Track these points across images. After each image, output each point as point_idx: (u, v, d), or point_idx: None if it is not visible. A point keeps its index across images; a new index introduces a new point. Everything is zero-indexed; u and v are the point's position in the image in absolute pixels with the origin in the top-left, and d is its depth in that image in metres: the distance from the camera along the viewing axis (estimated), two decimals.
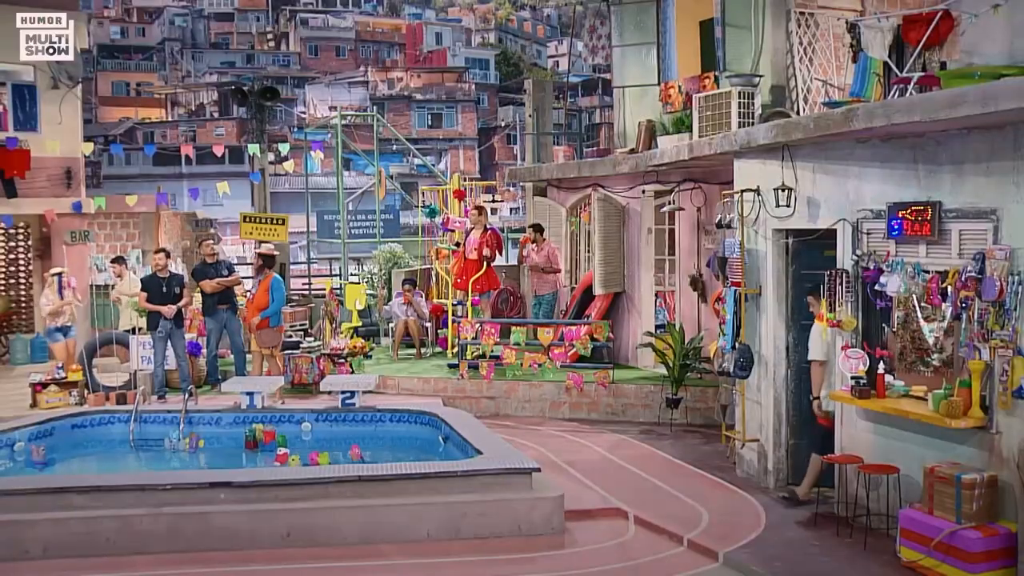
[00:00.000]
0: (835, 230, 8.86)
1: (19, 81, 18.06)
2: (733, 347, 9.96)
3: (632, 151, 14.33)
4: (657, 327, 14.74)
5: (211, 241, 15.12)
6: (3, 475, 10.41)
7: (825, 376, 8.97)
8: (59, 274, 14.81)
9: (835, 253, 8.99)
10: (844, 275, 8.66)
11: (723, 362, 10.16)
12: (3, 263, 18.88)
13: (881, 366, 8.27)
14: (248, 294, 14.97)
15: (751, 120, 10.79)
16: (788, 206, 9.31)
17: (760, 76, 11.32)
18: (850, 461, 8.53)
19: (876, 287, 8.20)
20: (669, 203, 13.67)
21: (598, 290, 14.85)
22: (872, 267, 8.28)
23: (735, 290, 10.06)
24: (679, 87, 13.79)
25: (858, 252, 8.53)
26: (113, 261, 15.95)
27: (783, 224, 9.56)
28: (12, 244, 18.90)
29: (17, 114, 18.10)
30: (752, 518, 8.80)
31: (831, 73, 11.14)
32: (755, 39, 11.84)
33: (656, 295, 14.97)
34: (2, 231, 18.66)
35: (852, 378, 8.40)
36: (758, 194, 9.83)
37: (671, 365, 12.62)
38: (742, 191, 10.01)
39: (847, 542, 8.13)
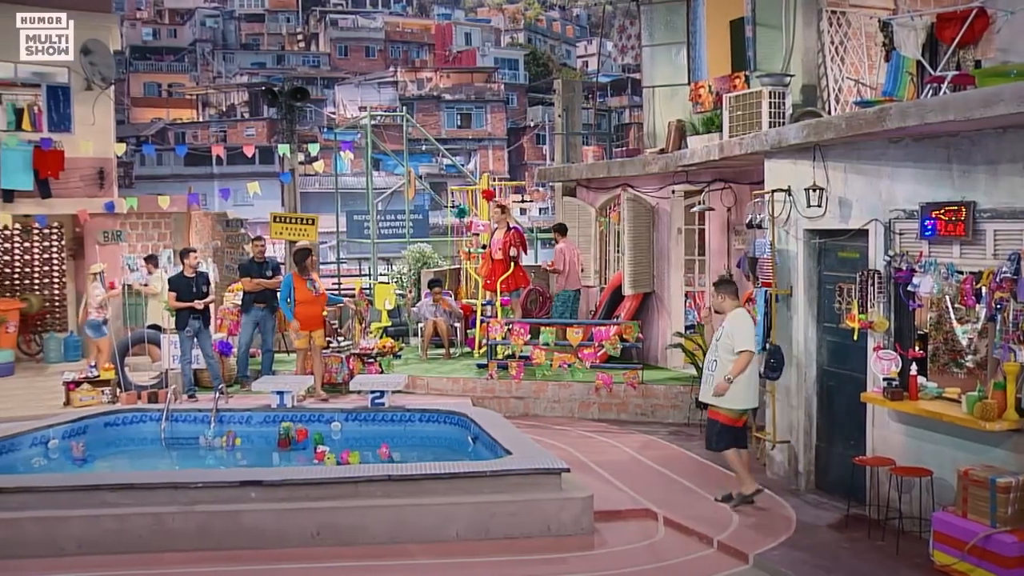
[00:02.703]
0: (865, 230, 8.79)
1: (53, 83, 18.29)
2: (764, 348, 9.89)
3: (662, 151, 14.28)
4: (687, 328, 14.68)
5: (262, 241, 15.25)
6: (39, 472, 10.53)
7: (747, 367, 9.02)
8: (100, 272, 14.97)
9: (854, 255, 8.93)
10: (876, 276, 8.59)
11: None
12: (38, 263, 19.09)
13: (914, 367, 8.20)
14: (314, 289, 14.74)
15: (782, 120, 10.72)
16: (819, 206, 9.25)
17: (791, 75, 11.24)
18: (882, 463, 8.45)
19: (908, 288, 8.14)
20: (699, 203, 13.60)
21: (627, 290, 14.82)
22: (904, 268, 8.21)
23: (766, 291, 10.00)
24: (709, 87, 13.73)
25: (890, 253, 8.46)
26: (146, 259, 16.07)
27: (814, 224, 9.50)
28: (46, 244, 19.10)
29: (51, 115, 18.32)
30: (782, 520, 8.75)
31: (863, 72, 11.04)
32: (786, 38, 11.76)
33: (686, 295, 14.91)
34: (37, 231, 18.87)
35: (884, 379, 8.34)
36: (789, 194, 9.77)
37: (701, 366, 12.54)
38: (773, 191, 9.95)
39: (879, 545, 8.06)
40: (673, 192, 14.49)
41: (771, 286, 9.96)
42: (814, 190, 9.24)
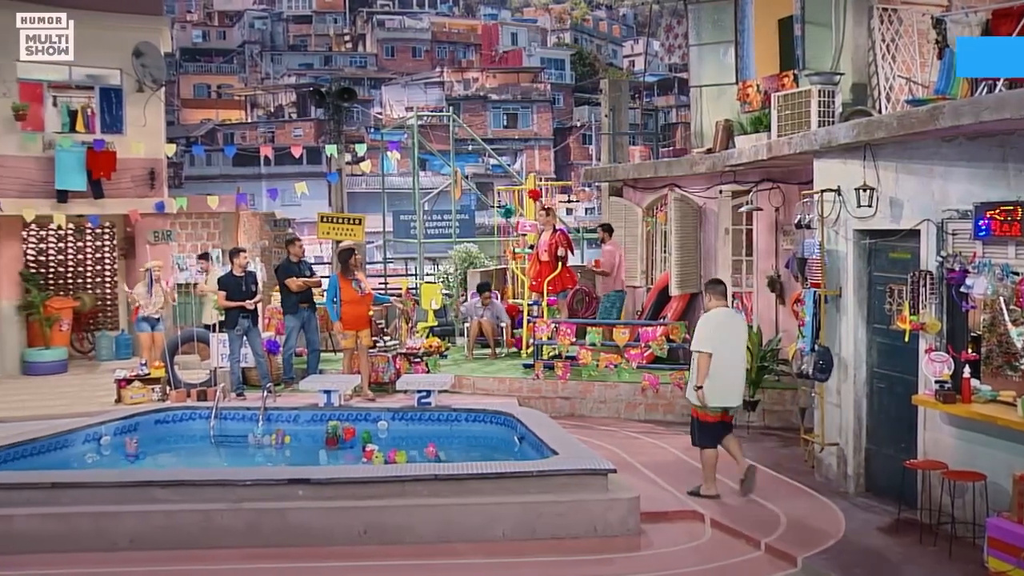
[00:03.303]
0: (917, 231, 8.68)
1: (106, 85, 18.54)
2: (812, 349, 9.80)
3: (709, 151, 14.20)
4: None
5: (300, 241, 15.34)
6: (92, 468, 10.69)
7: (708, 368, 9.12)
8: (149, 269, 15.16)
9: (905, 256, 8.82)
10: (928, 277, 8.48)
11: (802, 364, 9.99)
12: (90, 262, 19.37)
13: (967, 370, 8.08)
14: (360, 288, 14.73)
15: (831, 119, 10.62)
16: (870, 206, 9.15)
17: (841, 74, 11.13)
18: (934, 467, 8.34)
19: (961, 289, 8.02)
20: (747, 203, 13.51)
21: (674, 291, 14.75)
22: (958, 268, 8.09)
23: (814, 291, 9.91)
24: (757, 86, 13.63)
25: (943, 253, 8.34)
26: (200, 257, 16.23)
27: (864, 225, 9.39)
28: (99, 243, 19.37)
29: (104, 117, 18.57)
30: (831, 523, 8.65)
31: (915, 70, 10.91)
32: (836, 36, 11.65)
33: (733, 296, 14.80)
34: (89, 231, 19.14)
35: (936, 382, 8.22)
36: (839, 194, 9.67)
37: (748, 367, 12.45)
38: (822, 191, 9.86)
39: (931, 550, 7.95)
40: (720, 192, 14.40)
41: (820, 287, 9.86)
42: (864, 190, 9.14)
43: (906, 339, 8.64)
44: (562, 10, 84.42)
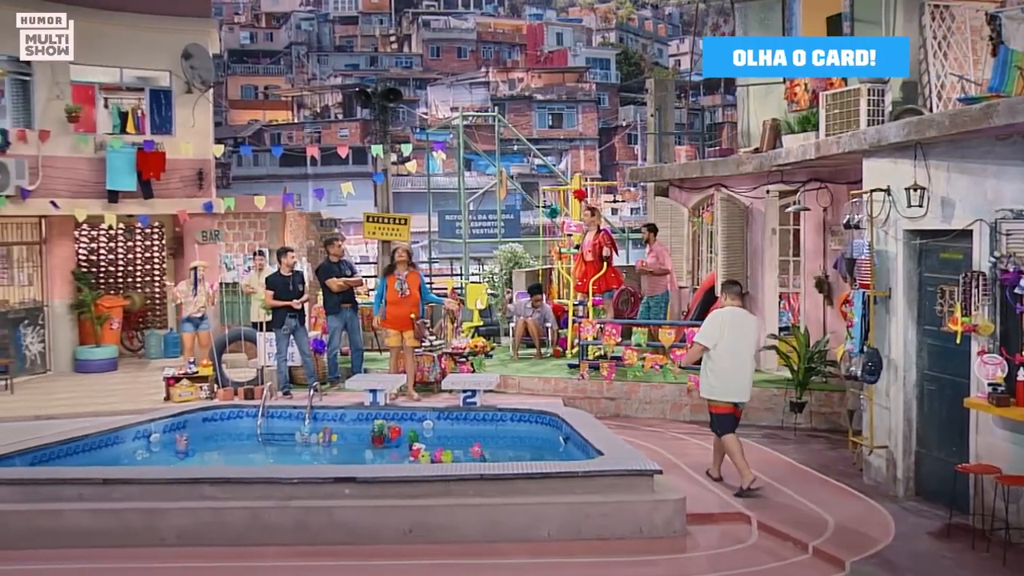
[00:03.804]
0: (969, 231, 8.55)
1: (156, 87, 18.77)
2: (861, 351, 9.70)
3: (756, 150, 14.08)
4: (781, 329, 14.44)
5: (340, 241, 15.39)
6: (142, 464, 10.83)
7: (698, 356, 9.72)
8: (195, 268, 15.31)
9: (957, 256, 8.69)
10: (980, 278, 8.35)
11: (850, 366, 9.89)
12: (140, 261, 19.62)
13: (1021, 372, 7.94)
14: (402, 290, 14.77)
15: (881, 118, 10.49)
16: (920, 206, 9.03)
17: None
18: (987, 471, 8.21)
19: (1016, 290, 7.89)
20: (794, 203, 13.39)
21: (720, 291, 14.63)
22: (1012, 269, 7.96)
23: (863, 292, 9.80)
24: (805, 85, 13.49)
25: (996, 254, 8.21)
26: (255, 254, 16.33)
27: (915, 225, 9.27)
28: (148, 243, 19.62)
29: (154, 118, 18.80)
30: (881, 527, 8.55)
31: (967, 68, 10.73)
32: (885, 34, 11.49)
33: (780, 297, 14.68)
34: (139, 230, 19.39)
35: (989, 385, 8.10)
36: (888, 194, 9.56)
37: (795, 368, 12.37)
38: (872, 191, 9.75)
39: (983, 556, 7.82)
40: (767, 192, 14.28)
41: (869, 288, 9.76)
42: (915, 189, 9.03)
43: (957, 341, 8.51)
44: (607, 9, 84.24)
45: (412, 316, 13.73)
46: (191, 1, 19.21)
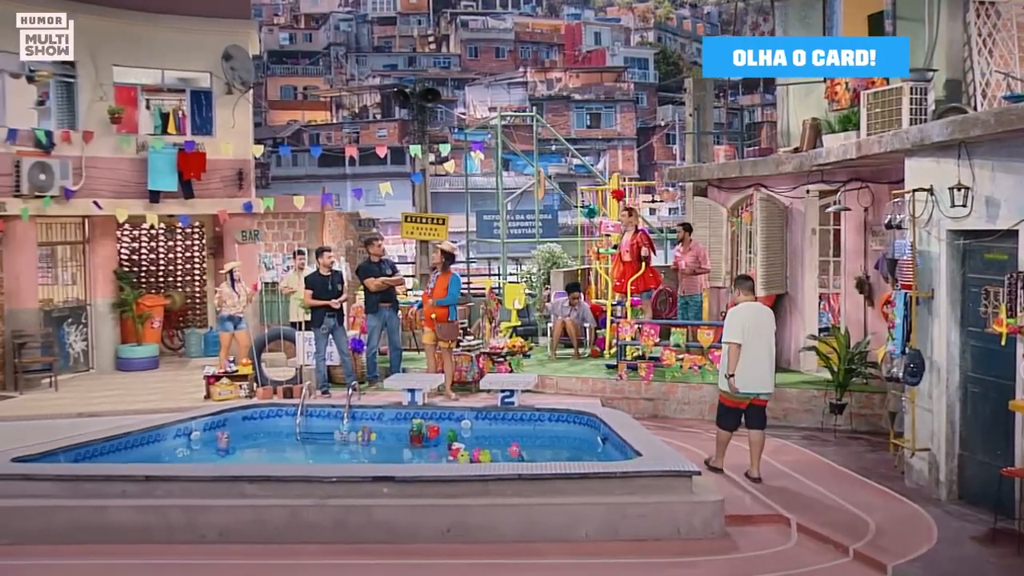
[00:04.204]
0: (1015, 231, 8.43)
1: (197, 88, 18.94)
2: (903, 352, 9.59)
3: (796, 150, 13.97)
4: (820, 330, 14.34)
5: (380, 241, 15.45)
6: (183, 462, 10.94)
7: (739, 358, 9.84)
8: (231, 270, 15.42)
9: (1002, 257, 8.58)
10: None
11: (892, 367, 9.78)
12: (180, 260, 19.81)
13: None
14: (427, 287, 14.91)
15: (924, 117, 10.37)
16: (964, 206, 8.92)
17: (934, 70, 10.86)
18: None
19: None
20: (834, 203, 13.28)
21: (759, 291, 14.50)
22: None
23: (905, 293, 9.70)
24: (846, 84, 13.36)
25: None
26: (295, 254, 16.43)
27: (958, 225, 9.16)
28: (188, 243, 19.80)
29: (195, 119, 18.98)
30: (923, 531, 8.44)
31: (1013, 65, 10.59)
32: (929, 32, 11.35)
33: (820, 297, 14.57)
34: (180, 230, 19.58)
35: None
36: (931, 193, 9.45)
37: (835, 369, 12.26)
38: (914, 190, 9.64)
39: None
40: (807, 192, 14.17)
41: (911, 288, 9.65)
42: (959, 189, 8.92)
43: (1002, 343, 8.40)
44: (645, 9, 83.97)
45: (433, 316, 13.79)
46: (231, 3, 19.37)
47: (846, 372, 12.14)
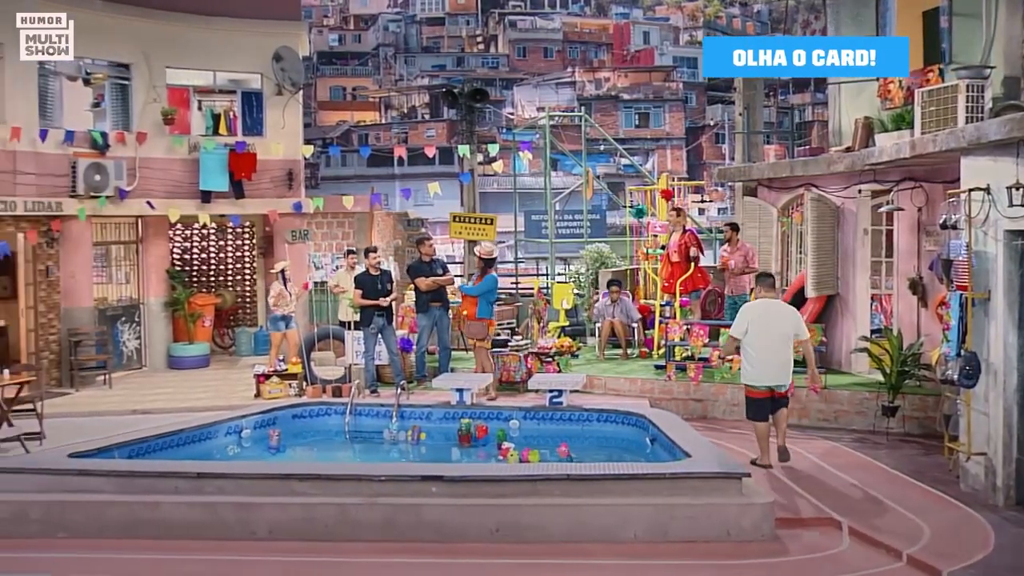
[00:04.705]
0: None
1: (248, 89, 19.16)
2: (958, 354, 9.45)
3: (848, 149, 13.82)
4: (873, 331, 14.17)
5: (431, 240, 15.50)
6: (234, 459, 11.05)
7: (732, 347, 10.70)
8: (282, 270, 15.56)
9: None
10: None
11: (947, 370, 9.63)
12: (231, 260, 20.02)
13: None
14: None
15: (980, 115, 10.20)
16: (1022, 206, 8.76)
17: (991, 68, 10.68)
18: None
19: None
20: (887, 203, 13.12)
21: (810, 292, 14.41)
22: None
23: (961, 294, 9.55)
24: (900, 82, 13.20)
25: None
26: (345, 253, 16.54)
27: (1016, 225, 8.99)
28: (239, 243, 20.01)
29: (245, 120, 19.20)
30: (979, 536, 8.30)
31: None
32: (986, 28, 11.17)
33: (872, 298, 14.39)
34: (231, 230, 19.78)
35: None
36: (988, 193, 9.29)
37: (888, 371, 12.11)
38: (970, 190, 9.49)
39: None
40: (859, 191, 14.01)
41: (967, 290, 9.50)
42: (1017, 188, 8.75)
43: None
44: (694, 7, 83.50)
45: (464, 314, 14.08)
46: (282, 5, 19.58)
47: (899, 374, 11.99)
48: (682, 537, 8.37)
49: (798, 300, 14.77)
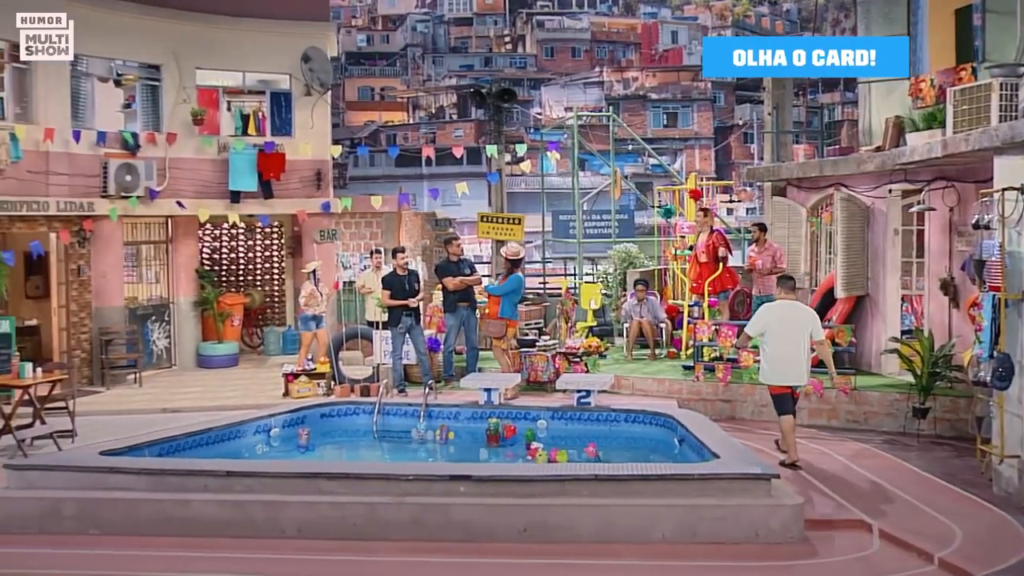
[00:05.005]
0: None
1: (276, 89, 19.27)
2: (991, 355, 9.35)
3: (878, 149, 13.73)
4: (903, 332, 14.06)
5: (459, 240, 15.52)
6: (263, 458, 11.11)
7: (746, 344, 11.09)
8: (314, 270, 15.62)
9: None
10: None
11: (979, 371, 9.55)
12: (260, 259, 20.12)
13: None
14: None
15: (1014, 114, 10.10)
16: None
17: None
18: None
19: None
20: (918, 203, 13.01)
21: (840, 293, 14.32)
22: None
23: (994, 295, 9.46)
24: (931, 80, 13.09)
25: None
26: (371, 253, 16.57)
27: None
28: (267, 242, 20.11)
29: (274, 120, 19.30)
30: (1013, 540, 8.19)
31: None
32: (1021, 25, 11.08)
33: (902, 299, 14.28)
34: (259, 229, 19.88)
35: None
36: (1022, 193, 9.20)
37: (919, 373, 12.01)
38: (1003, 190, 9.40)
39: None
40: (890, 191, 13.90)
41: (1000, 291, 9.41)
42: None
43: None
44: (723, 7, 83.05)
45: (486, 312, 14.30)
46: (310, 5, 19.67)
47: (930, 375, 11.90)
48: (710, 538, 8.33)
49: (827, 301, 14.70)
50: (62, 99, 16.43)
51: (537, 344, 15.08)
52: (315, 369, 14.72)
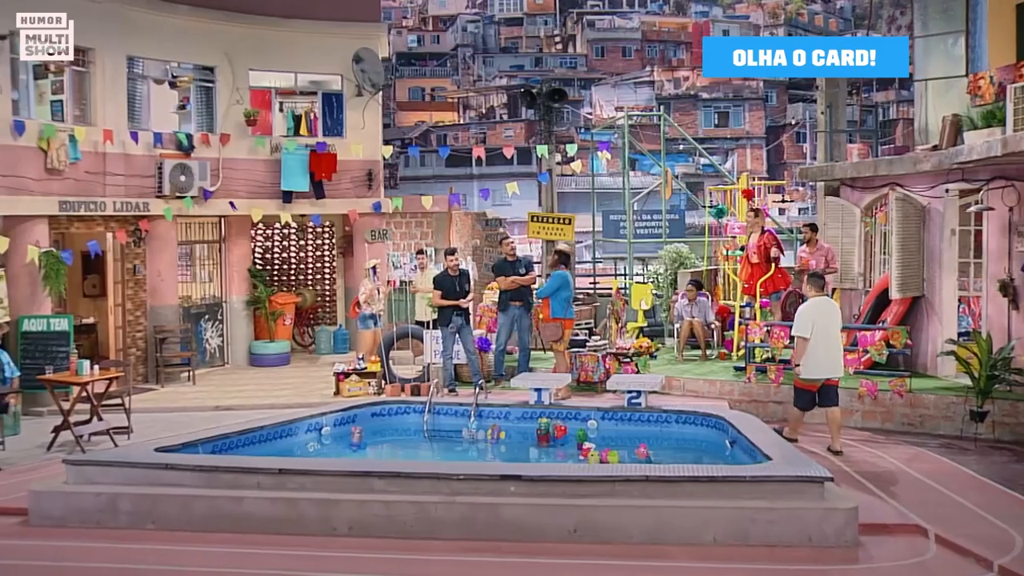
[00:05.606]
0: None
1: (328, 90, 19.41)
2: None
3: (935, 148, 13.54)
4: (960, 334, 13.85)
5: (512, 240, 15.54)
6: (314, 456, 11.19)
7: (806, 350, 10.97)
8: (373, 267, 15.71)
9: None
10: None
11: None
12: (311, 259, 20.29)
13: None
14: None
15: None
16: None
17: None
18: None
19: None
20: (976, 203, 12.80)
21: (895, 294, 14.13)
22: None
23: None
24: (990, 77, 12.88)
25: None
26: (418, 253, 16.67)
27: None
28: (319, 242, 20.27)
29: (326, 120, 19.45)
30: None
31: None
32: None
33: (959, 300, 14.05)
34: (311, 229, 20.04)
35: None
36: None
37: (976, 375, 11.81)
38: None
39: None
40: (947, 191, 13.70)
41: None
42: None
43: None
44: (775, 5, 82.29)
45: (540, 316, 14.40)
46: (362, 6, 19.79)
47: (988, 378, 11.69)
48: (762, 541, 8.25)
49: (882, 302, 14.52)
50: (119, 101, 16.68)
51: (587, 344, 15.04)
52: (366, 368, 14.81)
